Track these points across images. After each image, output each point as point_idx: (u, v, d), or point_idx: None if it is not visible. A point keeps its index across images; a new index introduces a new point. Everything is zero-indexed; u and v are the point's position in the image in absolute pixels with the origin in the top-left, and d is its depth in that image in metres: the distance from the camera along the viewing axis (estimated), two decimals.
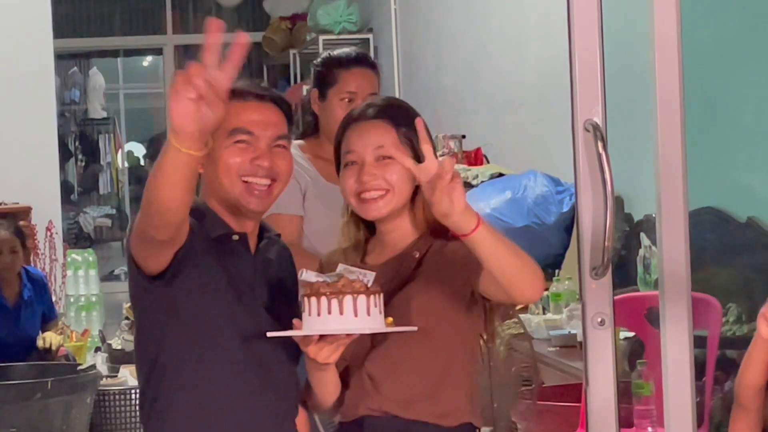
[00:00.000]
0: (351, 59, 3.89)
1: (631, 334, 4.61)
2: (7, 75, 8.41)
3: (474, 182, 6.24)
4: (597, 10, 2.61)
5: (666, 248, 2.64)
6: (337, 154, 2.77)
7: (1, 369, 5.77)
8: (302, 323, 2.49)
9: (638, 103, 2.94)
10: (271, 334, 2.52)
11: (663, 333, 2.65)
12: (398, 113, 2.75)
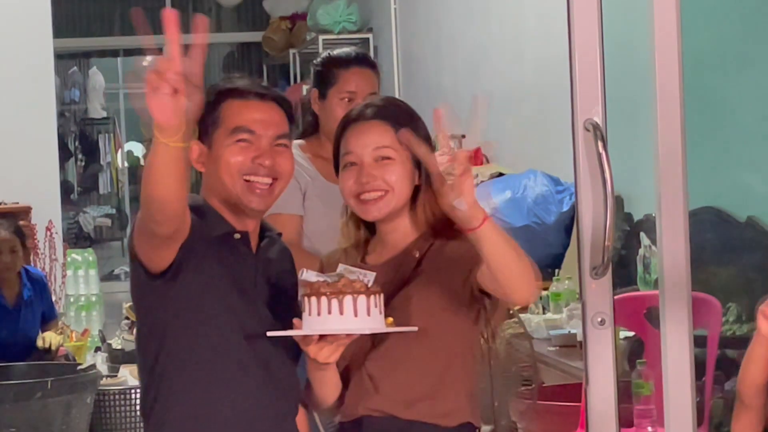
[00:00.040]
0: (351, 59, 3.89)
1: (631, 334, 4.61)
2: (7, 75, 8.40)
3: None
4: (597, 10, 2.61)
5: (666, 248, 2.64)
6: (336, 154, 2.76)
7: (1, 369, 5.76)
8: (302, 323, 2.49)
9: (638, 103, 2.94)
10: (272, 334, 2.53)
11: (663, 332, 2.65)
12: (397, 113, 2.74)
